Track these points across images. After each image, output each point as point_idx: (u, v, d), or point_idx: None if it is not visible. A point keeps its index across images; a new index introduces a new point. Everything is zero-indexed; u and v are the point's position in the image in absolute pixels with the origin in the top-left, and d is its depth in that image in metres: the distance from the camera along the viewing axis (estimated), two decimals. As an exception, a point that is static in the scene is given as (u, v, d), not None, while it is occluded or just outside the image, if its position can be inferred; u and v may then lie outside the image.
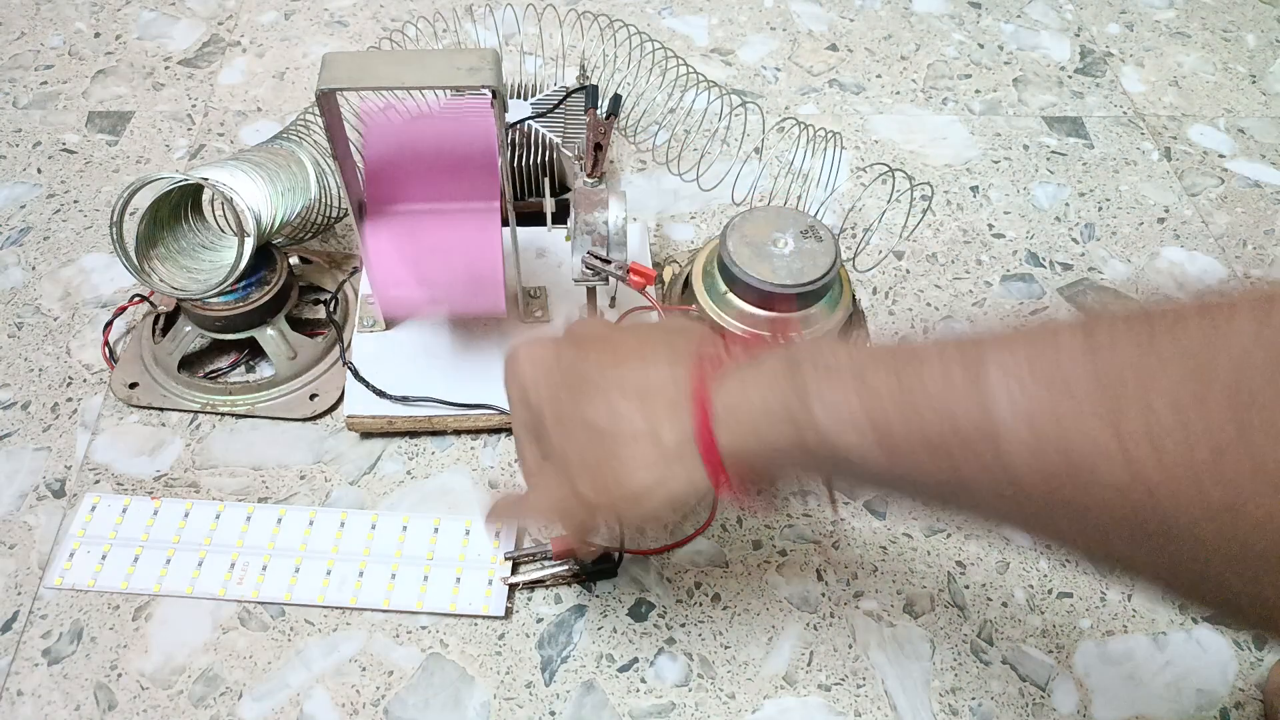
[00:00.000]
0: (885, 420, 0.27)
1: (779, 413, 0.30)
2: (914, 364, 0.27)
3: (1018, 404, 0.24)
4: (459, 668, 0.46)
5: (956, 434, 0.26)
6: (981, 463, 0.25)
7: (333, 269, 0.60)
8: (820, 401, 0.29)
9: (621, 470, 0.34)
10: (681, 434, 0.33)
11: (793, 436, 0.30)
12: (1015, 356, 0.25)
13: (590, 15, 0.71)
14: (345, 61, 0.44)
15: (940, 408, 0.26)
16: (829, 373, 0.29)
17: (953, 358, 0.27)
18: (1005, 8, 0.85)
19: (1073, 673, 0.47)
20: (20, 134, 0.69)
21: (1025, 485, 0.25)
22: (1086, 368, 0.24)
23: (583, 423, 0.35)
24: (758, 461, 0.31)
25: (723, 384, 0.32)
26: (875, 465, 0.28)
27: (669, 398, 0.33)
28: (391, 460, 0.53)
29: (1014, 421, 0.24)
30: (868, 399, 0.28)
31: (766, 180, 0.66)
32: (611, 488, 0.34)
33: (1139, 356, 0.23)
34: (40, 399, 0.54)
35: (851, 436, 0.28)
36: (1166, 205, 0.69)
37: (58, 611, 0.47)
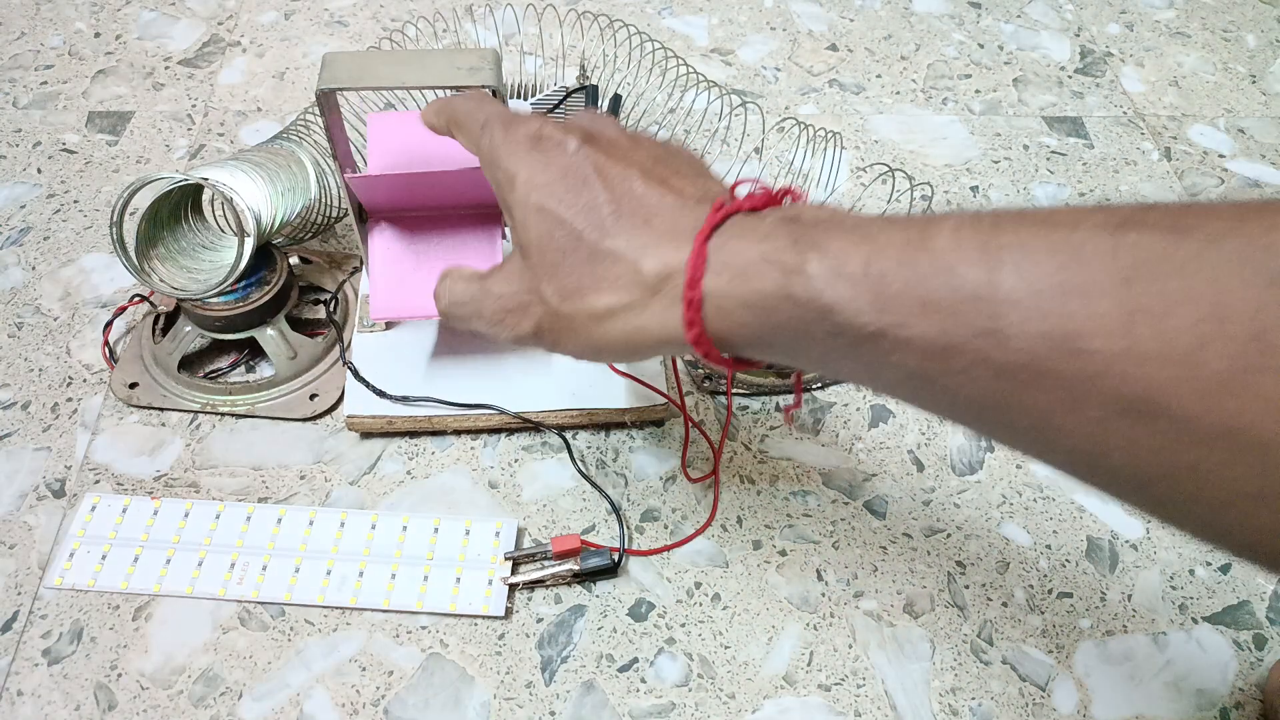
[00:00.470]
0: (882, 274, 0.26)
1: (770, 260, 0.28)
2: (923, 225, 0.27)
3: (1025, 270, 0.24)
4: (459, 668, 0.46)
5: (956, 293, 0.25)
6: (974, 324, 0.24)
7: (333, 269, 0.60)
8: (815, 250, 0.28)
9: (591, 282, 0.32)
10: (667, 267, 0.31)
11: (779, 284, 0.28)
12: (1033, 229, 0.25)
13: (590, 15, 0.71)
14: (345, 61, 0.44)
15: (945, 267, 0.25)
16: (830, 226, 0.28)
17: (966, 223, 0.26)
18: (1005, 8, 0.85)
19: (1073, 673, 0.47)
20: (20, 134, 0.69)
21: (1013, 351, 0.24)
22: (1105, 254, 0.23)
23: (566, 221, 0.32)
24: (737, 311, 0.29)
25: (724, 230, 0.30)
26: (862, 320, 0.26)
27: (671, 229, 0.31)
28: (391, 460, 0.53)
29: (1017, 285, 0.24)
30: (866, 251, 0.27)
31: (766, 180, 0.66)
32: (573, 300, 0.32)
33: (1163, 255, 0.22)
34: (40, 399, 0.55)
35: (842, 287, 0.27)
36: (1166, 205, 0.69)
37: (58, 611, 0.47)
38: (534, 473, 0.52)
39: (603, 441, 0.54)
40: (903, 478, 0.53)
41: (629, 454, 0.53)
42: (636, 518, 0.51)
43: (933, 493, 0.53)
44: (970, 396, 0.26)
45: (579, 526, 0.50)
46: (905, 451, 0.55)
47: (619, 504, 0.51)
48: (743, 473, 0.53)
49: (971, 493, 0.53)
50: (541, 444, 0.54)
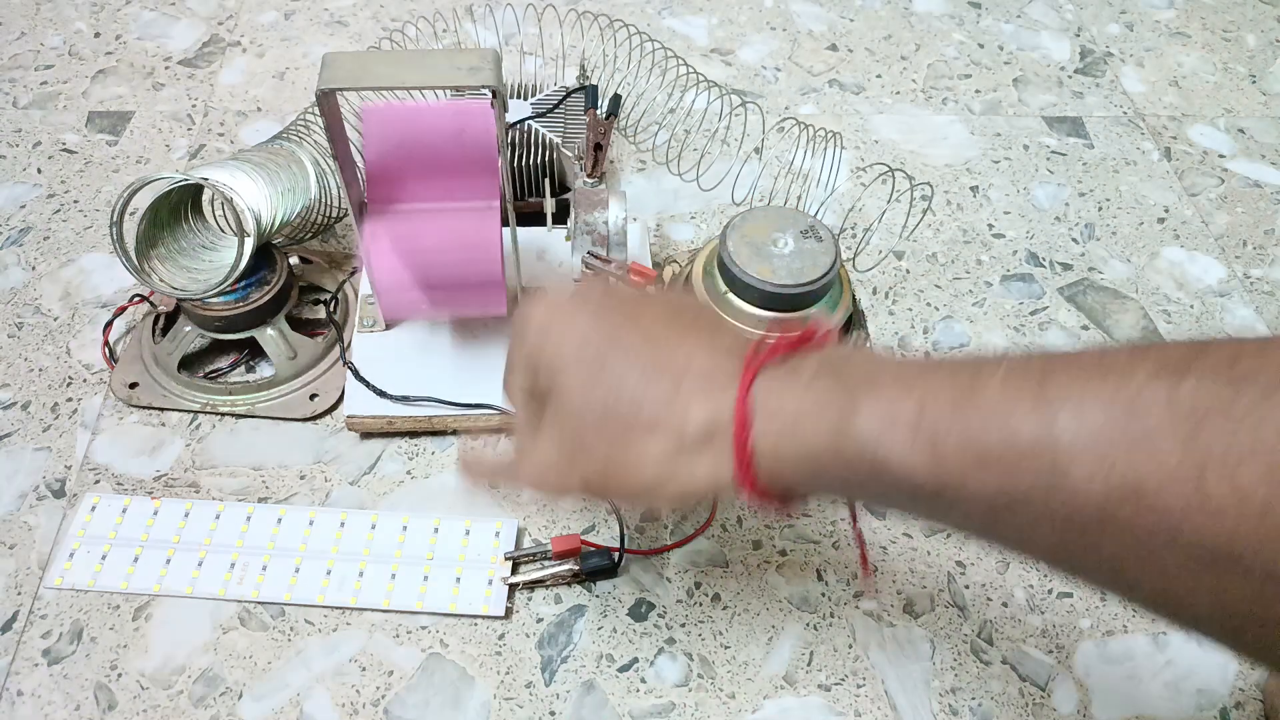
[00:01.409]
0: (935, 428, 0.26)
1: (818, 416, 0.28)
2: (970, 374, 0.26)
3: (1083, 421, 0.23)
4: (459, 668, 0.46)
5: (1013, 448, 0.24)
6: (1037, 479, 0.24)
7: (333, 269, 0.60)
8: (865, 407, 0.27)
9: (631, 459, 0.32)
10: (711, 423, 0.30)
11: (831, 442, 0.28)
12: (1085, 374, 0.24)
13: (590, 15, 0.71)
14: (345, 61, 0.44)
15: (998, 420, 0.25)
16: (876, 378, 0.28)
17: (1016, 371, 0.25)
18: (1005, 8, 0.85)
19: (1073, 673, 0.47)
20: (20, 134, 0.69)
21: (1081, 504, 0.24)
22: (1164, 404, 0.23)
23: (596, 402, 0.32)
24: (789, 466, 0.29)
25: (762, 381, 0.30)
26: (918, 477, 0.26)
27: (709, 382, 0.31)
28: (391, 460, 0.53)
29: (1078, 437, 0.23)
30: (917, 406, 0.26)
31: (766, 180, 0.66)
32: (615, 476, 0.32)
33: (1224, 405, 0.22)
34: (40, 399, 0.55)
35: (894, 445, 0.26)
36: (1166, 205, 0.69)
37: (58, 611, 0.47)
38: (534, 473, 0.52)
39: (603, 441, 0.54)
40: (903, 478, 0.53)
41: (629, 454, 0.53)
42: (636, 518, 0.51)
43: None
44: (1041, 545, 0.26)
45: (579, 526, 0.50)
46: (905, 451, 0.54)
47: (619, 504, 0.51)
48: (743, 473, 0.53)
49: (971, 493, 0.53)
50: (541, 444, 0.53)
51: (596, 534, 0.50)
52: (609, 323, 0.33)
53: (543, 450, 0.35)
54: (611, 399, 0.32)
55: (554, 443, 0.34)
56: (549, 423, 0.34)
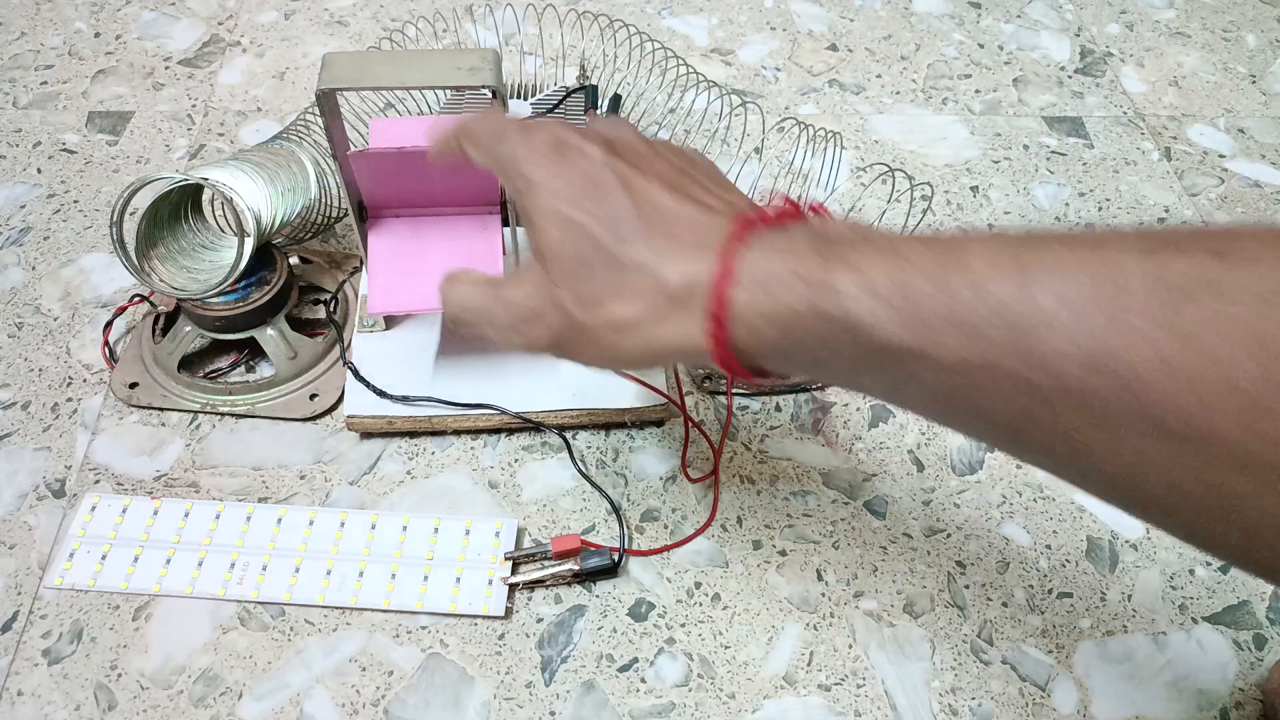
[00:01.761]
0: (913, 289, 0.26)
1: (798, 277, 0.28)
2: (956, 243, 0.26)
3: (1059, 289, 0.23)
4: (459, 668, 0.46)
5: (988, 310, 0.24)
6: (1008, 342, 0.24)
7: (333, 269, 0.60)
8: (844, 266, 0.27)
9: (611, 291, 0.31)
10: (692, 278, 0.30)
11: (807, 299, 0.28)
12: (1069, 246, 0.24)
13: (590, 15, 0.71)
14: (345, 61, 0.44)
15: (977, 284, 0.25)
16: (859, 243, 0.28)
17: (999, 240, 0.26)
18: (1005, 8, 0.85)
19: (1073, 673, 0.47)
20: (20, 134, 0.69)
21: (1047, 370, 0.24)
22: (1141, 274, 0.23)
23: (588, 229, 0.32)
24: (762, 325, 0.29)
25: (751, 244, 0.30)
26: (890, 337, 0.26)
27: (698, 240, 0.31)
28: (391, 460, 0.53)
29: (1055, 304, 0.23)
30: (897, 268, 0.26)
31: (766, 180, 0.66)
32: (591, 311, 0.32)
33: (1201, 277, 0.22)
34: (40, 399, 0.55)
35: (872, 304, 0.26)
36: (1166, 205, 0.69)
37: (58, 611, 0.47)
38: (534, 473, 0.52)
39: (603, 441, 0.54)
40: (903, 478, 0.53)
41: (629, 454, 0.53)
42: (636, 518, 0.51)
43: (933, 493, 0.53)
44: (1002, 416, 0.26)
45: (579, 526, 0.50)
46: (905, 451, 0.55)
47: (619, 504, 0.51)
48: (743, 473, 0.53)
49: (971, 493, 0.53)
50: (542, 444, 0.54)
51: (596, 534, 0.50)
52: (621, 160, 0.33)
53: (522, 285, 0.34)
54: (604, 232, 0.32)
55: (535, 277, 0.34)
56: (533, 256, 0.34)
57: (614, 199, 0.32)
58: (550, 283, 0.33)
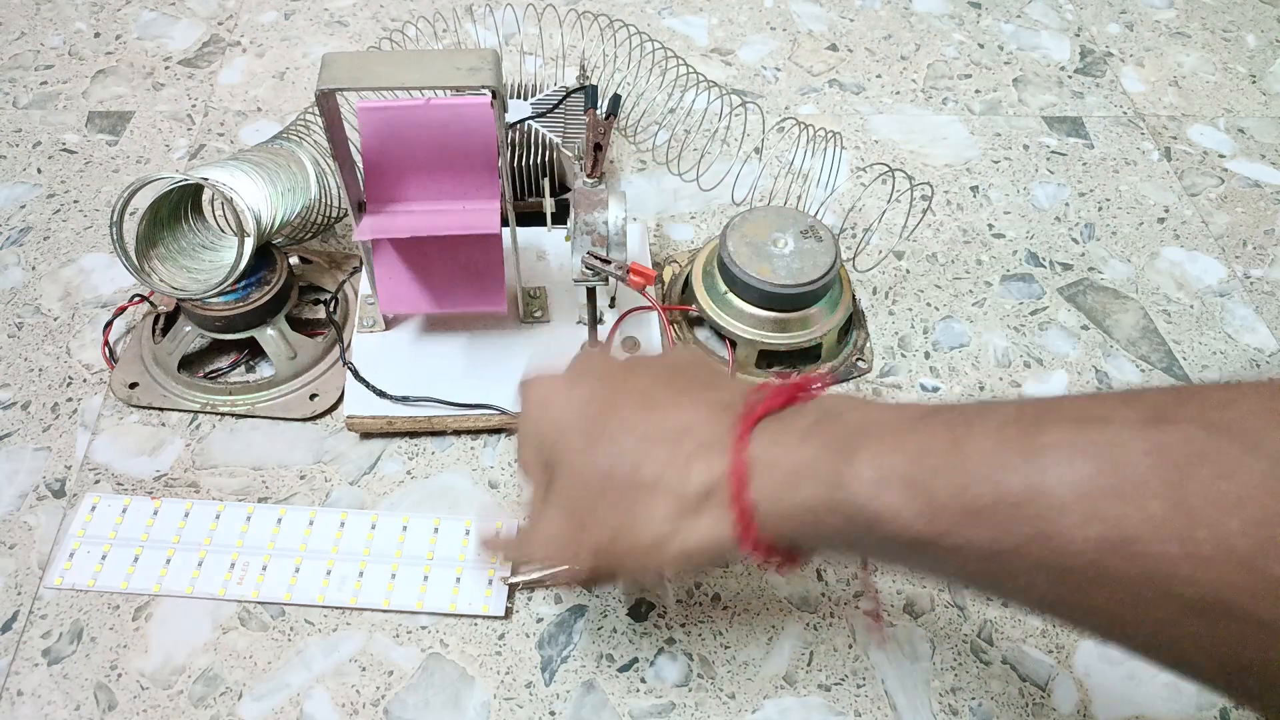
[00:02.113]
0: (927, 482, 0.26)
1: (814, 471, 0.29)
2: (961, 427, 0.27)
3: (1071, 472, 0.24)
4: (459, 668, 0.46)
5: (1003, 499, 0.25)
6: (1027, 530, 0.24)
7: (333, 269, 0.60)
8: (858, 462, 0.28)
9: (635, 521, 0.32)
10: (710, 481, 0.31)
11: (825, 497, 0.28)
12: (1073, 423, 0.25)
13: (590, 15, 0.71)
14: (345, 61, 0.44)
15: (988, 472, 0.25)
16: (869, 430, 0.28)
17: (1006, 421, 0.26)
18: (1005, 8, 0.85)
19: (1073, 673, 0.47)
20: (20, 134, 0.69)
21: (1071, 554, 0.24)
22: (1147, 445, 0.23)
23: (597, 469, 0.33)
24: (787, 521, 0.30)
25: (758, 436, 0.31)
26: (912, 531, 0.27)
27: (704, 442, 0.32)
28: (391, 460, 0.53)
29: (1066, 488, 0.24)
30: (909, 459, 0.27)
31: (766, 180, 0.66)
32: (622, 540, 0.33)
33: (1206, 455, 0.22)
34: (40, 399, 0.55)
35: (889, 498, 0.27)
36: (1166, 205, 0.69)
37: (58, 611, 0.47)
38: (534, 473, 0.52)
39: (603, 441, 0.54)
40: (903, 478, 0.53)
41: (629, 454, 0.53)
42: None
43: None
44: (1034, 596, 0.26)
45: (579, 526, 0.50)
46: (905, 451, 0.54)
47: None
48: (743, 473, 0.53)
49: (971, 493, 0.53)
50: (541, 444, 0.54)
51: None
52: (606, 390, 0.35)
53: (550, 521, 0.36)
54: (612, 464, 0.33)
55: (560, 512, 0.35)
56: (554, 493, 0.35)
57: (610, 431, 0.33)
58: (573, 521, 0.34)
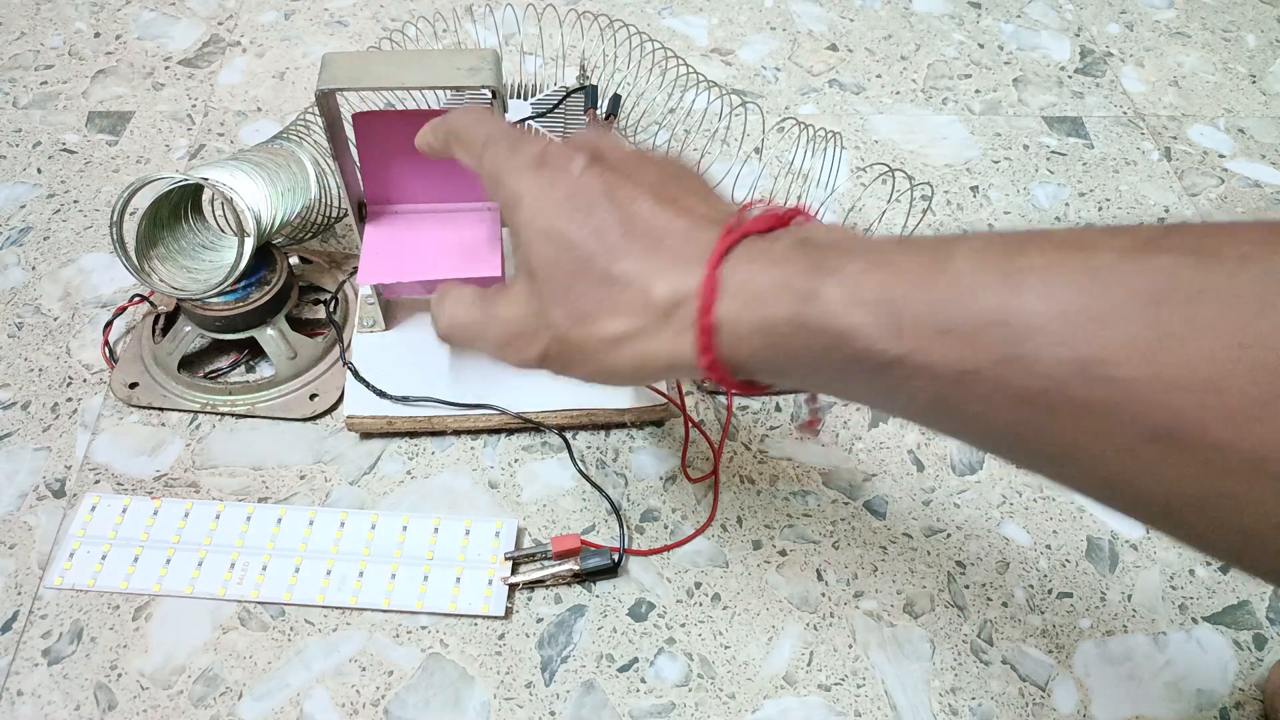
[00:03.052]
0: (899, 298, 0.25)
1: (784, 288, 0.28)
2: (942, 249, 0.26)
3: (1046, 295, 0.23)
4: (459, 668, 0.46)
5: (975, 318, 0.24)
6: (996, 350, 0.24)
7: (333, 269, 0.60)
8: (829, 275, 0.27)
9: (601, 307, 0.31)
10: (679, 293, 0.30)
11: (794, 311, 0.27)
12: (1055, 249, 0.24)
13: (590, 15, 0.71)
14: (345, 61, 0.44)
15: (964, 291, 0.25)
16: (846, 252, 0.27)
17: (985, 245, 0.25)
18: (1005, 8, 0.85)
19: (1073, 673, 0.47)
20: (20, 134, 0.69)
21: (1035, 377, 0.23)
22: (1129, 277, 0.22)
23: (575, 244, 0.31)
24: (751, 338, 0.29)
25: (735, 255, 0.29)
26: (877, 348, 0.26)
27: (682, 253, 0.30)
28: (391, 460, 0.53)
29: (1040, 310, 0.23)
30: (883, 276, 0.26)
31: (766, 180, 0.66)
32: (580, 329, 0.31)
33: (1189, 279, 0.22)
34: (40, 399, 0.55)
35: (858, 314, 0.26)
36: (1166, 205, 0.69)
37: (58, 611, 0.47)
38: (534, 473, 0.52)
39: (603, 441, 0.54)
40: (903, 478, 0.53)
41: (629, 454, 0.53)
42: (636, 518, 0.51)
43: (933, 493, 0.53)
44: (992, 423, 0.25)
45: (579, 526, 0.50)
46: (905, 451, 0.55)
47: (619, 504, 0.51)
48: (743, 473, 0.53)
49: (971, 493, 0.53)
50: (541, 444, 0.54)
51: (596, 534, 0.50)
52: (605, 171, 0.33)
53: (512, 302, 0.34)
54: (593, 250, 0.31)
55: (524, 293, 0.33)
56: (522, 271, 0.34)
57: (600, 212, 0.32)
58: (540, 299, 0.33)
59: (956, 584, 0.49)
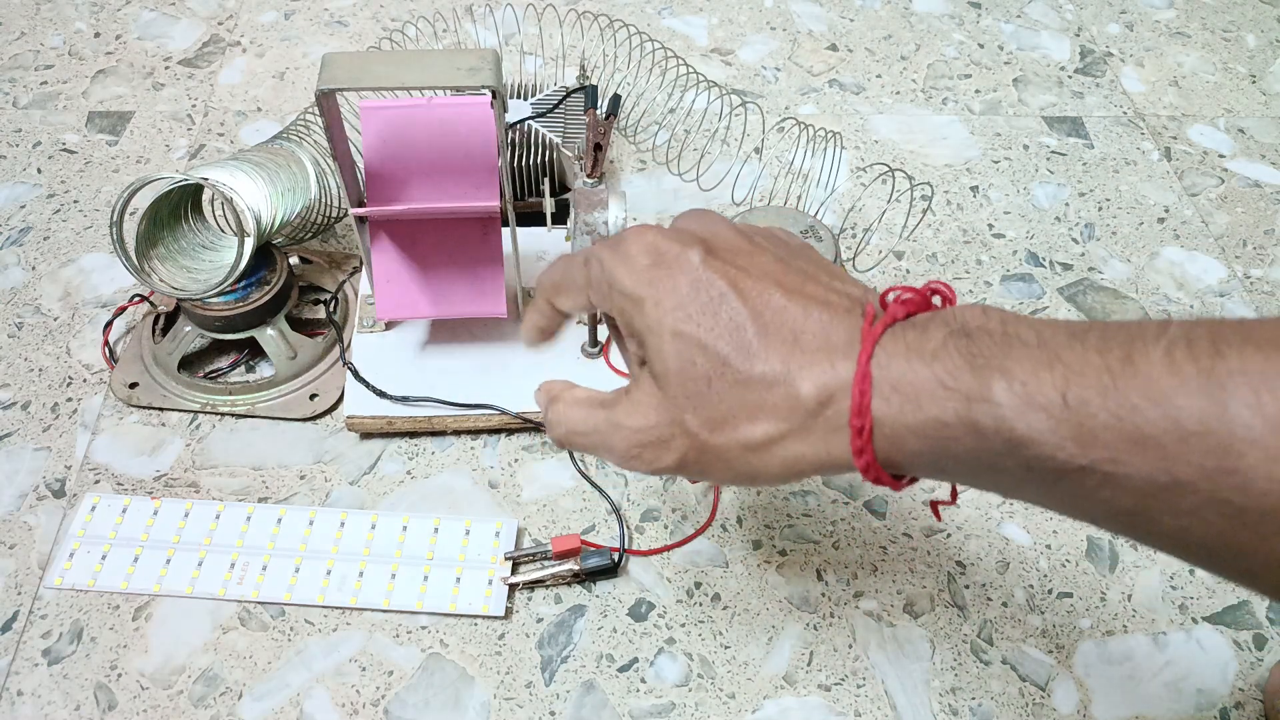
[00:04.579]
0: (1083, 404, 0.24)
1: (948, 389, 0.26)
2: (1124, 344, 0.24)
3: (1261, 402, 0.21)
4: (459, 668, 0.46)
5: (1177, 428, 0.22)
6: (1204, 463, 0.22)
7: (333, 269, 0.60)
8: (1002, 379, 0.25)
9: (742, 410, 0.29)
10: (827, 390, 0.28)
11: (961, 414, 0.25)
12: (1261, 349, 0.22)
13: (590, 15, 0.71)
14: (345, 61, 0.44)
15: (1159, 397, 0.23)
16: (1014, 346, 0.26)
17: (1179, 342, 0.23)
18: (1005, 8, 0.85)
19: (1073, 673, 0.47)
20: (20, 134, 0.69)
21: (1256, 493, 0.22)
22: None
23: (709, 346, 0.29)
24: (910, 441, 0.27)
25: (884, 347, 0.28)
26: (1062, 456, 0.24)
27: (824, 347, 0.28)
28: (391, 460, 0.53)
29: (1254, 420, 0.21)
30: (1063, 379, 0.24)
31: (766, 180, 0.66)
32: (724, 434, 0.29)
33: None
34: (40, 399, 0.55)
35: (1036, 418, 0.24)
36: (1166, 205, 0.69)
37: (58, 611, 0.47)
38: (534, 473, 0.52)
39: (603, 441, 0.54)
40: (903, 478, 0.53)
41: (629, 454, 0.53)
42: (636, 518, 0.51)
43: (933, 493, 0.53)
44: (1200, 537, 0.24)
45: (579, 526, 0.50)
46: (905, 451, 0.54)
47: (619, 504, 0.51)
48: (743, 473, 0.53)
49: (972, 492, 0.53)
50: (541, 444, 0.54)
51: (596, 534, 0.50)
52: (724, 264, 0.30)
53: (641, 409, 0.32)
54: (725, 347, 0.29)
55: (653, 400, 0.31)
56: (647, 375, 0.31)
57: (729, 308, 0.30)
58: (674, 405, 0.31)
59: (956, 584, 0.49)
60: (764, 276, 0.30)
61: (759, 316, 0.29)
